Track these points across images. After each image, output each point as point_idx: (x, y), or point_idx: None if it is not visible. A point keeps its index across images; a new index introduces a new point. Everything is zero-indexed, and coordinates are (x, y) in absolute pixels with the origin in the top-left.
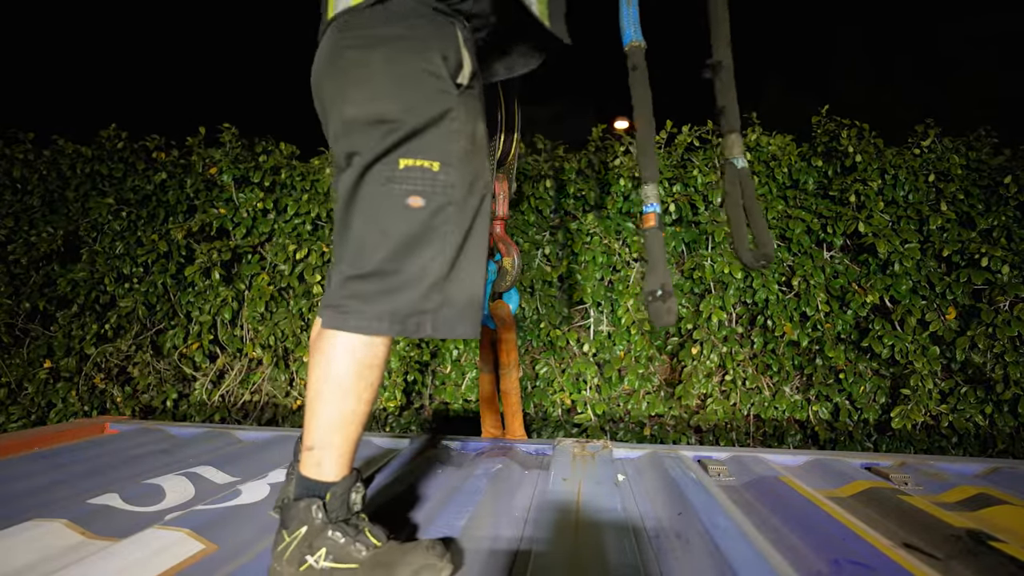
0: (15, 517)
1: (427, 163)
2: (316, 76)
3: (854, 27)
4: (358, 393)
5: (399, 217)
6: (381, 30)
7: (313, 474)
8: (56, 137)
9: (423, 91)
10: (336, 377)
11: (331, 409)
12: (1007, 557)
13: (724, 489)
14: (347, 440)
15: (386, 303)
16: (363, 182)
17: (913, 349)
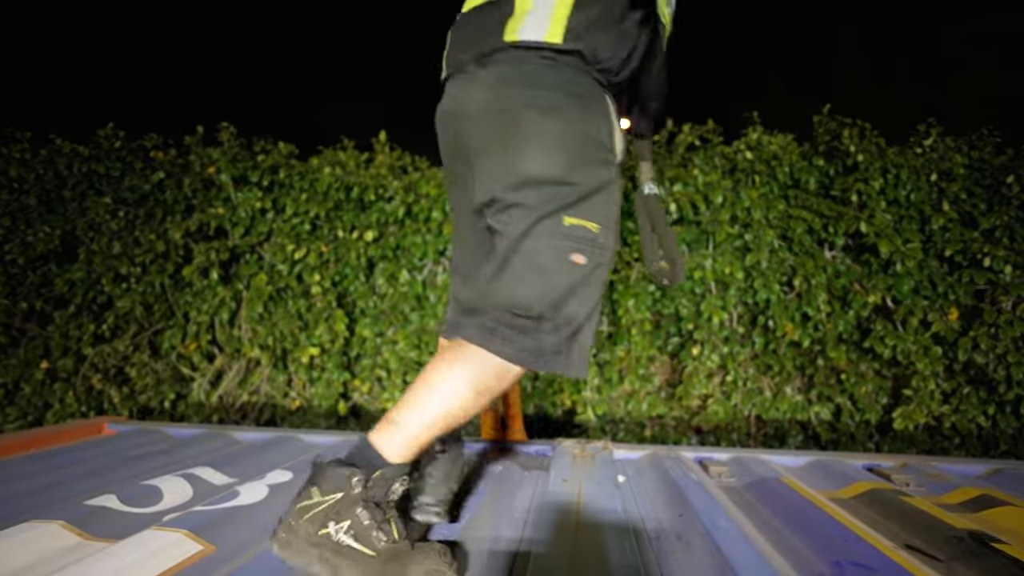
0: (12, 518)
1: (590, 224)
2: (471, 114)
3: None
4: (465, 403)
5: (563, 271)
6: (556, 94)
7: (381, 446)
8: (53, 136)
9: (594, 159)
10: (457, 379)
11: (437, 405)
12: (1009, 559)
13: (725, 490)
14: (429, 436)
15: (535, 341)
16: (531, 233)
17: (915, 349)
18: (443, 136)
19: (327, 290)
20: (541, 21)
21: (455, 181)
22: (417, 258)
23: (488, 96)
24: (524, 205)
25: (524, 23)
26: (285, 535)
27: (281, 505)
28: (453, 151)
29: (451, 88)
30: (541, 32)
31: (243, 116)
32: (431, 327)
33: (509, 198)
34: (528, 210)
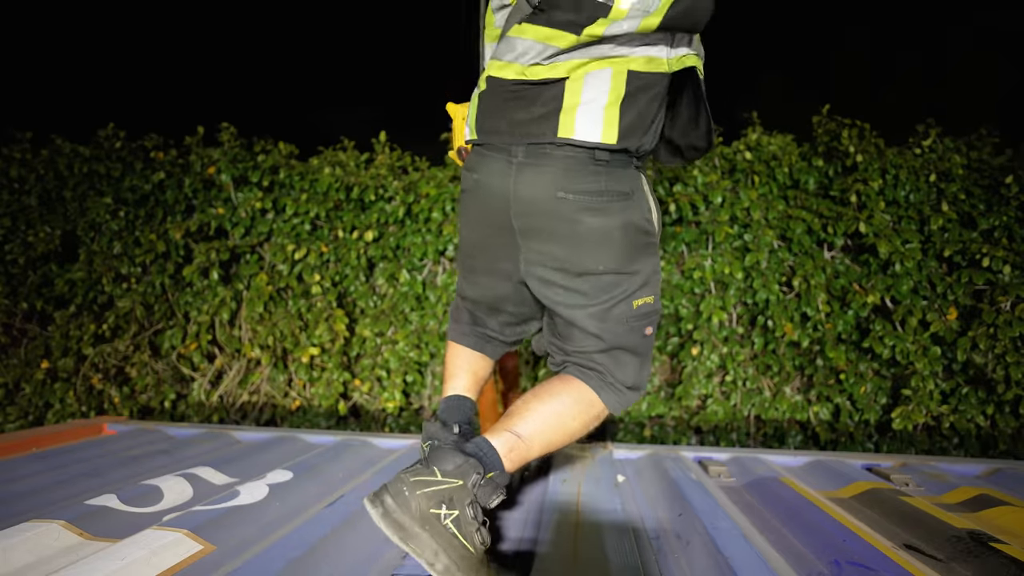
0: (13, 518)
1: (650, 299)
2: (523, 200)
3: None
4: (573, 434)
5: (642, 344)
6: (608, 196)
7: (503, 453)
8: (54, 136)
9: (643, 246)
10: (578, 416)
11: (559, 430)
12: (1008, 558)
13: (724, 490)
14: (540, 453)
15: (630, 399)
16: (609, 316)
17: (914, 350)
18: (478, 205)
19: (327, 290)
20: (594, 117)
21: (484, 239)
22: (417, 258)
23: (541, 192)
24: (581, 292)
25: (577, 119)
26: (394, 502)
27: (281, 505)
28: (491, 223)
29: (491, 165)
30: (596, 131)
31: (243, 116)
32: (431, 327)
33: (568, 283)
34: (599, 298)
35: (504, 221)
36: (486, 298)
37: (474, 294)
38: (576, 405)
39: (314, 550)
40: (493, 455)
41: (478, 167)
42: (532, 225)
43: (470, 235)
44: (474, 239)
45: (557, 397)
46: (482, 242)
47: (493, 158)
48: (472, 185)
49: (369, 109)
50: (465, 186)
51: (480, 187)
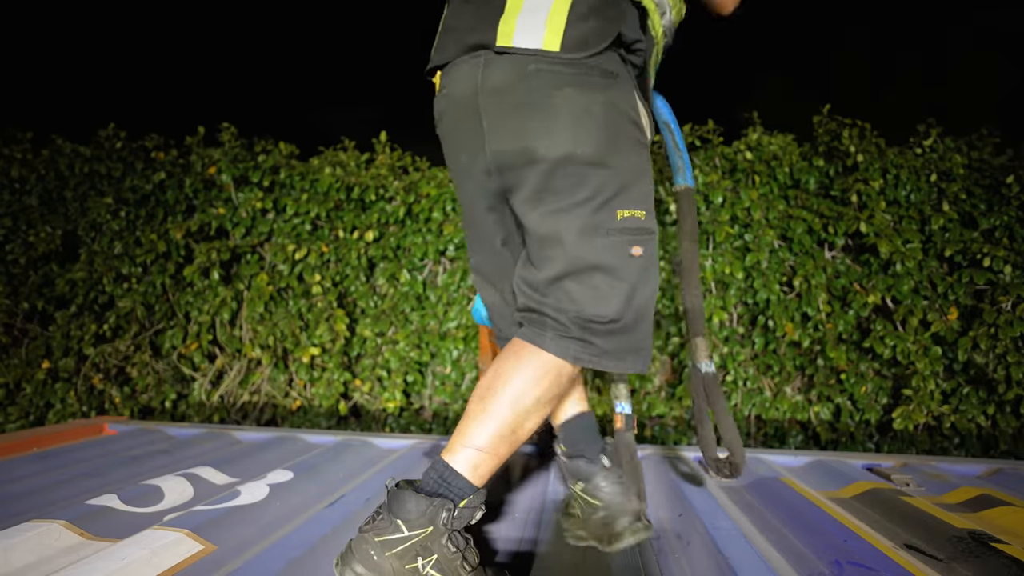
0: (13, 518)
1: (639, 212)
2: (488, 91)
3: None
4: (543, 412)
5: (627, 266)
6: (587, 72)
7: (469, 474)
8: (54, 136)
9: (629, 139)
10: (542, 389)
11: (524, 418)
12: (1009, 559)
13: (725, 490)
14: (506, 454)
15: (607, 342)
16: (585, 234)
17: (915, 349)
18: (446, 124)
19: (328, 290)
20: (542, 19)
21: (462, 175)
22: (417, 258)
23: (512, 71)
24: (555, 191)
25: (531, 19)
26: (365, 570)
27: (281, 505)
28: (459, 139)
29: (454, 73)
30: (538, 38)
31: (244, 116)
32: (431, 327)
33: (541, 182)
34: (563, 198)
35: (471, 131)
36: (483, 273)
37: (484, 281)
38: (536, 379)
39: (314, 550)
40: (459, 481)
41: (445, 80)
42: (502, 108)
43: (455, 174)
44: (458, 177)
45: (509, 380)
46: (465, 195)
47: (457, 65)
48: (441, 104)
49: (369, 109)
50: (437, 110)
51: (450, 98)
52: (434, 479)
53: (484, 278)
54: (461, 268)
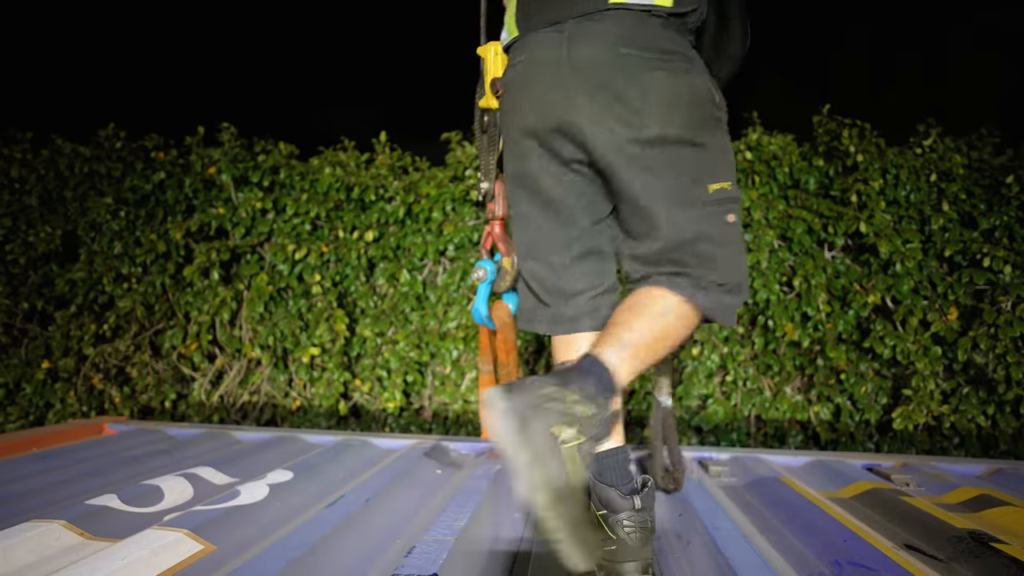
0: (13, 518)
1: (727, 185)
2: (578, 66)
3: (856, 27)
4: (672, 346)
5: (725, 234)
6: (671, 57)
7: (601, 352)
8: (54, 136)
9: (713, 117)
10: (676, 326)
11: (663, 341)
12: (1009, 559)
13: (725, 490)
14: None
15: (726, 302)
16: (683, 198)
17: (915, 350)
18: (515, 94)
19: (328, 290)
20: None
21: (526, 145)
22: (417, 258)
23: (601, 50)
24: (651, 169)
25: None
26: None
27: (281, 505)
28: (530, 108)
29: (538, 40)
30: None
31: (243, 116)
32: (431, 327)
33: (636, 155)
34: (659, 176)
35: (554, 105)
36: (538, 255)
37: (525, 232)
38: (673, 316)
39: (314, 550)
40: (611, 380)
41: (523, 50)
42: (591, 86)
43: (515, 144)
44: (520, 146)
45: (649, 308)
46: (531, 143)
47: (539, 37)
48: (518, 71)
49: (369, 109)
50: (508, 79)
51: (529, 64)
52: (598, 375)
53: (530, 250)
54: (461, 268)
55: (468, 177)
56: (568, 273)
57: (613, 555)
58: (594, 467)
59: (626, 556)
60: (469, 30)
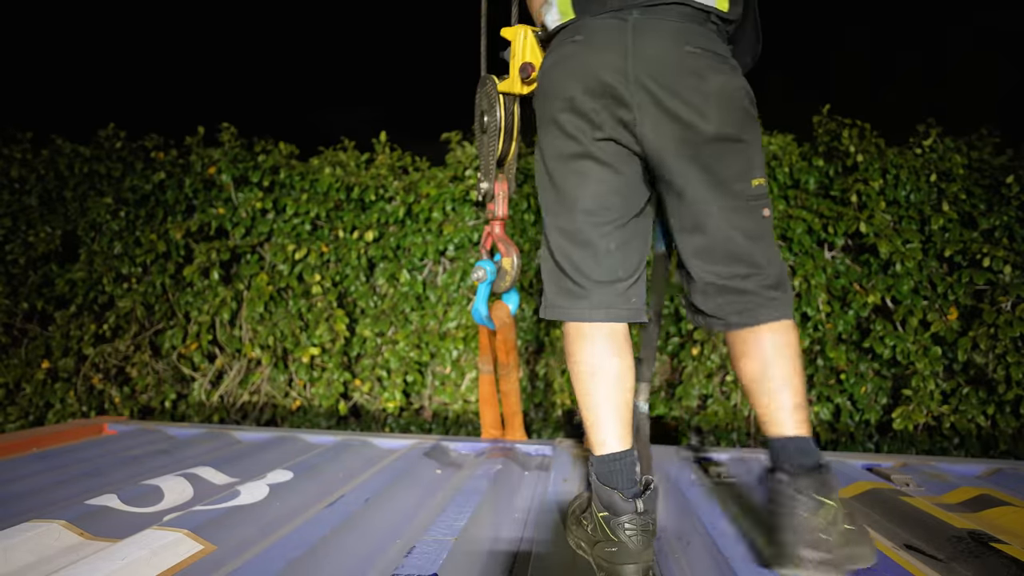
0: (13, 518)
1: (763, 180)
2: (646, 58)
3: (856, 27)
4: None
5: (766, 227)
6: (723, 60)
7: (808, 432)
8: (54, 136)
9: (755, 121)
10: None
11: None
12: (1009, 559)
13: (725, 490)
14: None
15: (785, 300)
16: (738, 196)
17: (915, 350)
18: (571, 74)
19: (328, 290)
20: None
21: (574, 128)
22: (417, 258)
23: (670, 45)
24: (709, 167)
25: None
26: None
27: (281, 505)
28: (579, 91)
29: (599, 24)
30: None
31: (243, 116)
32: (431, 327)
33: (692, 157)
34: (712, 173)
35: (614, 83)
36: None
37: (566, 219)
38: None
39: (314, 550)
40: (809, 446)
41: (579, 32)
42: (660, 83)
43: (558, 127)
44: (565, 132)
45: (794, 354)
46: (581, 128)
47: (600, 22)
48: (571, 51)
49: (369, 109)
50: (560, 56)
51: (587, 46)
52: (801, 452)
53: (570, 234)
54: (461, 268)
55: (468, 177)
56: (610, 259)
57: (613, 557)
58: (599, 469)
59: (627, 559)
60: (469, 30)
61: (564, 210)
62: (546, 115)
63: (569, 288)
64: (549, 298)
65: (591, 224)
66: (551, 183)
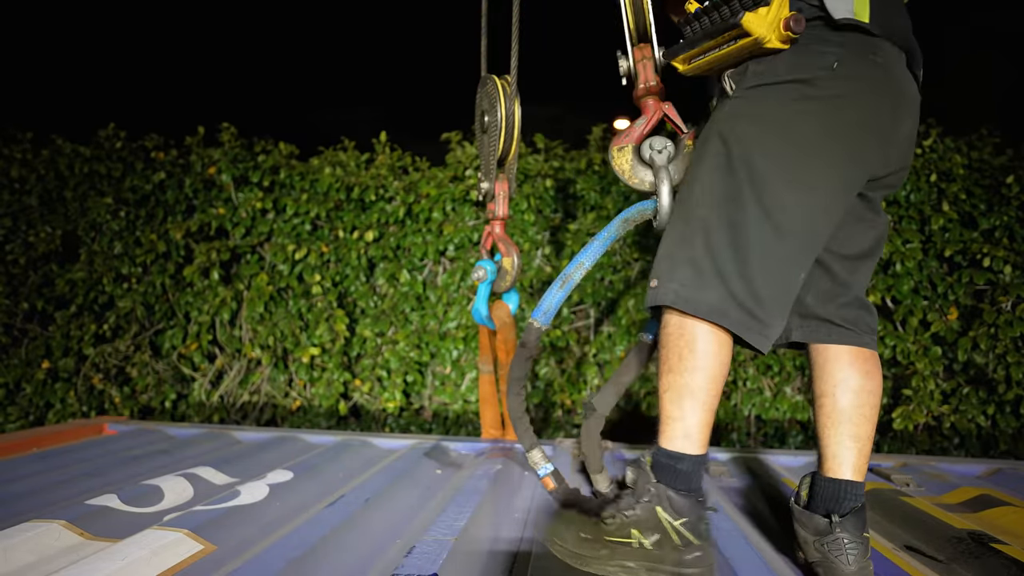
0: (13, 518)
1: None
2: (909, 98)
3: None
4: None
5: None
6: None
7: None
8: (54, 136)
9: None
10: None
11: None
12: (1009, 559)
13: (725, 490)
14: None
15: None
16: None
17: (915, 350)
18: (875, 100)
19: (328, 290)
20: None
21: (856, 157)
22: (417, 258)
23: (916, 92)
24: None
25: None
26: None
27: (281, 505)
28: (880, 129)
29: (891, 59)
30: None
31: (243, 116)
32: (431, 327)
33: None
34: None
35: (889, 127)
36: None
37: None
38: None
39: (314, 550)
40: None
41: (878, 52)
42: (914, 121)
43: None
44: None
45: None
46: (863, 159)
47: (894, 53)
48: (875, 72)
49: (369, 109)
50: (855, 71)
51: (887, 76)
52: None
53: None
54: (461, 268)
55: (468, 177)
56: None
57: (701, 561)
58: (688, 467)
59: (711, 557)
60: (469, 30)
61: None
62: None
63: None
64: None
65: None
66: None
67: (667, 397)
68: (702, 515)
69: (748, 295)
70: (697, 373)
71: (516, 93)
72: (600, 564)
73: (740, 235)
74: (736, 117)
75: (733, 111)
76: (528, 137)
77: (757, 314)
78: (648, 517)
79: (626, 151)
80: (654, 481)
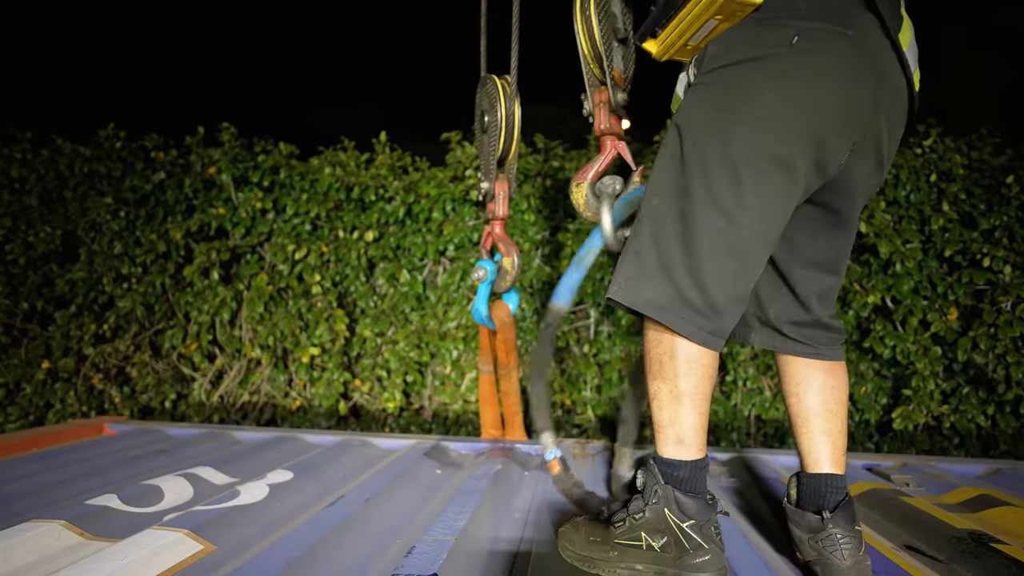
0: (13, 518)
1: None
2: (898, 83)
3: None
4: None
5: None
6: None
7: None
8: (54, 136)
9: None
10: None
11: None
12: (1009, 559)
13: (725, 490)
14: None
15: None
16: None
17: (915, 350)
18: (855, 92)
19: (328, 290)
20: None
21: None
22: (417, 258)
23: (904, 83)
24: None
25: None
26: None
27: (281, 505)
28: (867, 117)
29: (868, 35)
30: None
31: (243, 116)
32: (431, 327)
33: (863, 204)
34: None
35: (857, 108)
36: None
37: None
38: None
39: (314, 550)
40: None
41: (850, 25)
42: (899, 114)
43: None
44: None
45: (843, 406)
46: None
47: (875, 31)
48: (838, 47)
49: (369, 109)
50: (818, 46)
51: (857, 54)
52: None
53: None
54: (461, 268)
55: (468, 177)
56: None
57: (709, 564)
58: (690, 474)
59: (721, 560)
60: (469, 30)
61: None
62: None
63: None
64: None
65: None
66: (754, 188)
67: (655, 405)
68: (711, 517)
69: (694, 288)
70: (680, 378)
71: (516, 93)
72: (609, 566)
73: (689, 226)
74: (691, 104)
75: (690, 98)
76: (528, 137)
77: (702, 310)
78: (656, 519)
79: (582, 186)
80: (662, 483)
